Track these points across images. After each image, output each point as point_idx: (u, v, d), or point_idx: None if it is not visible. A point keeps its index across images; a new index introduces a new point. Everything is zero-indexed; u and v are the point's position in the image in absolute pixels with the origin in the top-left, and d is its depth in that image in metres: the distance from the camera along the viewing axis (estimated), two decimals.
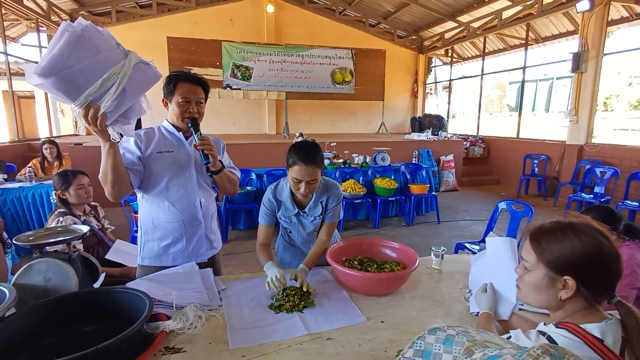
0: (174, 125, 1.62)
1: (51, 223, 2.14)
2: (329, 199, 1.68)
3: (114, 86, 1.18)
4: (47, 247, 1.27)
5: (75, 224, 2.10)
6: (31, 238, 1.27)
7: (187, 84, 1.56)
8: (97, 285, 1.42)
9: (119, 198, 1.48)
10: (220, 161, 1.58)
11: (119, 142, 1.38)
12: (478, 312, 1.23)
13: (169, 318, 1.17)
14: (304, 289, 1.38)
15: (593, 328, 0.77)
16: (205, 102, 1.66)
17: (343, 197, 1.87)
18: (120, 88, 1.18)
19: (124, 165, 1.43)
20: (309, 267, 1.56)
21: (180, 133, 1.62)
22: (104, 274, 1.56)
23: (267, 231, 1.73)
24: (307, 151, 1.53)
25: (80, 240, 2.05)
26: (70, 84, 1.15)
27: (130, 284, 1.30)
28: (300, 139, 1.66)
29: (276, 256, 1.92)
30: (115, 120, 1.29)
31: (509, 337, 0.89)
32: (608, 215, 1.75)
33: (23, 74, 10.15)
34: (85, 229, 1.37)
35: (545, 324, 0.86)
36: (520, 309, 1.25)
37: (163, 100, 1.61)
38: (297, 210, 1.69)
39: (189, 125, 1.54)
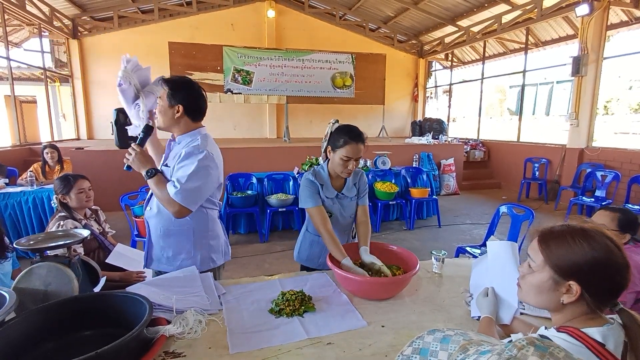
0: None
1: (52, 227, 2.14)
2: (360, 182, 1.91)
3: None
4: (48, 251, 1.27)
5: (76, 227, 2.10)
6: (31, 242, 1.27)
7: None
8: (97, 289, 1.42)
9: None
10: (153, 170, 1.50)
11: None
12: (479, 317, 1.22)
13: (169, 322, 1.17)
14: (383, 269, 1.52)
15: (595, 332, 0.77)
16: (172, 98, 1.51)
17: None
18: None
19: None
20: (368, 247, 1.68)
21: (169, 141, 1.67)
22: (105, 278, 1.56)
23: (322, 210, 1.72)
24: (356, 131, 1.70)
25: (81, 244, 2.05)
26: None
27: (130, 289, 1.30)
28: (336, 125, 1.77)
29: (297, 255, 1.95)
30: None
31: (510, 341, 0.88)
32: (634, 219, 1.80)
33: (25, 79, 10.22)
34: (85, 233, 1.37)
35: (546, 328, 0.86)
36: (521, 313, 1.25)
37: None
38: (336, 192, 1.81)
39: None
